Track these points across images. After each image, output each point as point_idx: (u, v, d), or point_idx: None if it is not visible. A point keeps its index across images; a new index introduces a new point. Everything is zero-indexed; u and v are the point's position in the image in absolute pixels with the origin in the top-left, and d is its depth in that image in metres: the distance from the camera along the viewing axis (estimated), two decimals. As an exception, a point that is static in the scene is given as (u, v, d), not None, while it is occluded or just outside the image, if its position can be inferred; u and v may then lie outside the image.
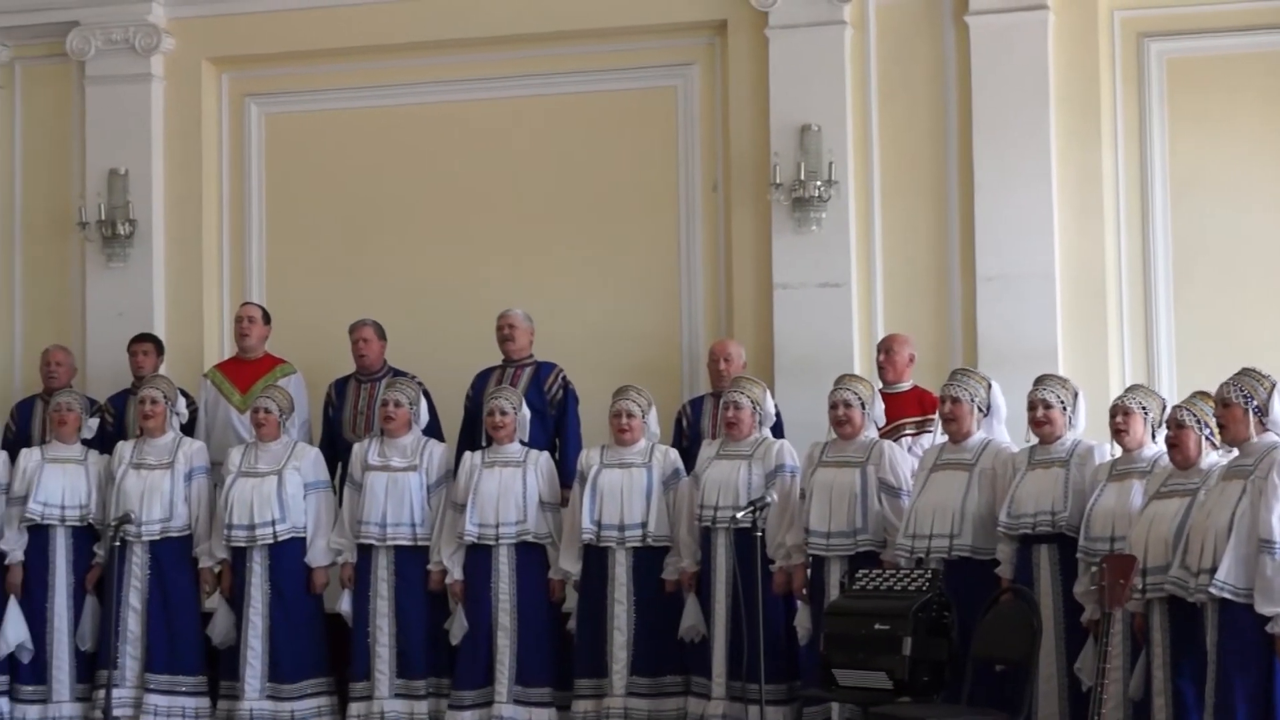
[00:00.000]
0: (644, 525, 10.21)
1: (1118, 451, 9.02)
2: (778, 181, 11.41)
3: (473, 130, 12.46)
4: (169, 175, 12.69)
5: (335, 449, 11.41)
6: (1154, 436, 8.92)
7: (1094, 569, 8.42)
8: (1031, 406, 9.30)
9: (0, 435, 12.06)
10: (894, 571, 9.24)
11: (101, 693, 10.64)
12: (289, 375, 11.66)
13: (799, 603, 9.96)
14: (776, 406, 10.57)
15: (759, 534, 9.60)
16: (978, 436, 9.53)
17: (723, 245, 11.95)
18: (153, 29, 12.59)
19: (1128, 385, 9.83)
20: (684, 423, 11.09)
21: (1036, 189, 11.23)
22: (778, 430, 10.57)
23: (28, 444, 11.51)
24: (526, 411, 10.60)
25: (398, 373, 11.44)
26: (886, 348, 10.82)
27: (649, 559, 10.28)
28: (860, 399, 9.89)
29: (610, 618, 10.22)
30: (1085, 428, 9.36)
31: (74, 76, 12.85)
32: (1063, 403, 9.23)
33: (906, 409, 10.56)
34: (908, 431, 10.54)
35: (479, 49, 12.34)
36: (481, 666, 10.38)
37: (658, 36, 12.08)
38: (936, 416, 10.07)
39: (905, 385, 10.72)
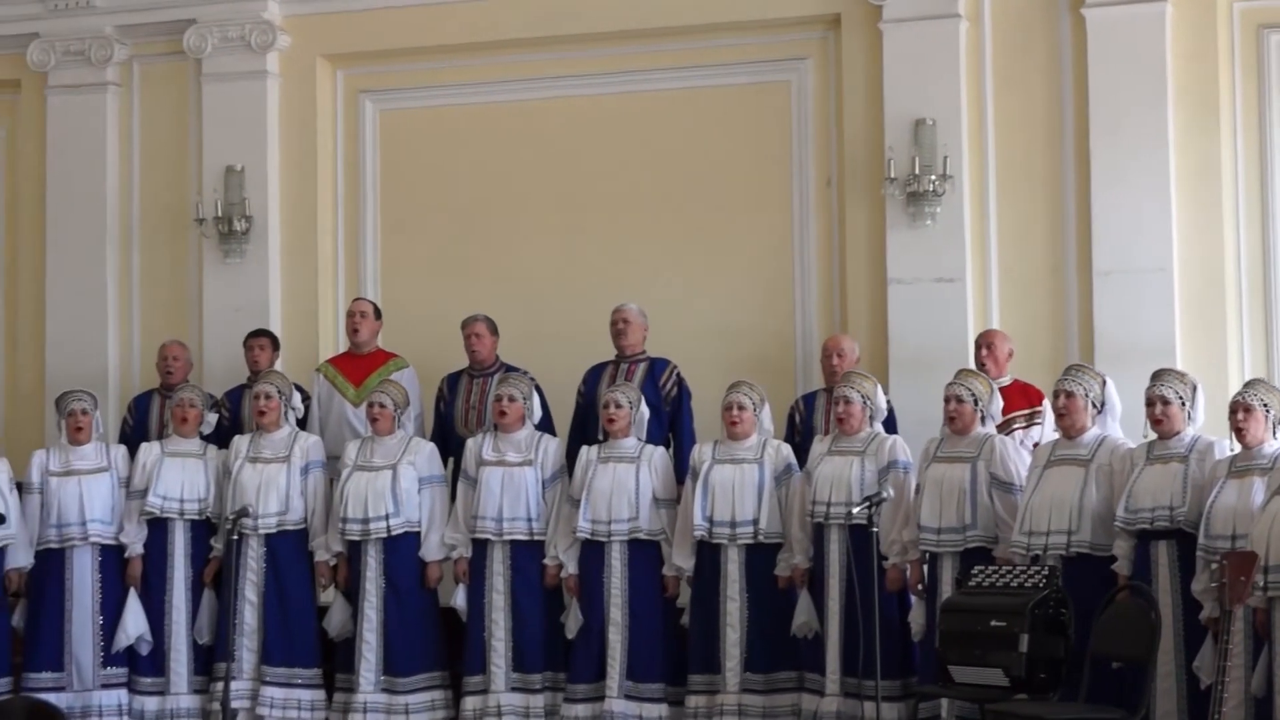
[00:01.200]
0: (755, 522, 10.18)
1: (1237, 448, 8.91)
2: (892, 176, 11.35)
3: (586, 126, 12.48)
4: (284, 172, 12.78)
5: (447, 444, 11.44)
6: (1275, 433, 8.81)
7: (1214, 566, 8.32)
8: (1149, 402, 9.19)
9: (118, 429, 12.19)
10: (1010, 568, 9.18)
11: (218, 685, 10.71)
12: (401, 370, 11.71)
13: (913, 599, 9.91)
14: (890, 402, 10.52)
15: (874, 530, 9.55)
16: (1092, 432, 9.42)
17: (836, 240, 11.91)
18: (268, 26, 12.68)
19: (1247, 380, 9.70)
20: (797, 418, 11.05)
21: (1154, 182, 11.13)
22: (891, 426, 10.51)
23: (144, 438, 11.63)
24: (646, 410, 10.59)
25: (510, 368, 11.47)
26: (987, 343, 10.76)
27: (761, 555, 10.25)
28: (974, 394, 9.82)
29: (723, 614, 10.20)
30: (1205, 424, 9.25)
31: (191, 74, 12.96)
32: (1181, 398, 9.12)
33: (1013, 403, 10.48)
34: (1017, 425, 10.47)
35: (593, 44, 12.36)
36: (595, 661, 10.39)
37: (771, 31, 12.05)
38: (1044, 409, 9.99)
39: (1006, 380, 10.63)
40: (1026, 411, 10.51)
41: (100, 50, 12.97)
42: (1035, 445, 10.14)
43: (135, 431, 11.90)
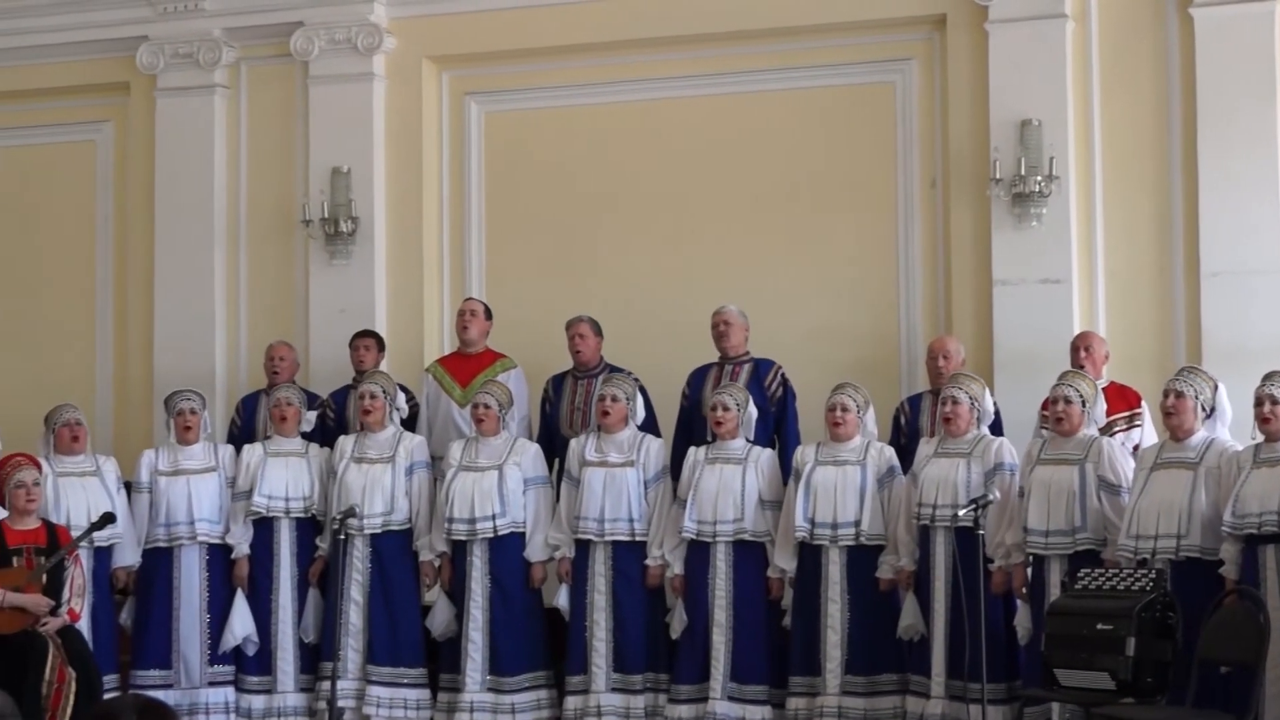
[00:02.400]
0: (857, 524, 10.16)
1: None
2: (998, 177, 11.29)
3: (690, 127, 12.47)
4: (390, 173, 12.84)
5: (552, 444, 11.46)
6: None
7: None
8: (1258, 401, 9.11)
9: (227, 430, 12.29)
10: (1116, 571, 9.11)
11: (324, 684, 10.79)
12: (509, 370, 11.73)
13: (1019, 602, 9.86)
14: (995, 404, 10.45)
15: (981, 532, 9.49)
16: (1200, 435, 9.33)
17: (941, 241, 11.86)
18: (375, 29, 12.75)
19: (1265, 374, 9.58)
20: (902, 420, 11.01)
21: (1263, 183, 11.04)
22: (997, 428, 10.45)
23: (252, 438, 11.72)
24: (754, 410, 10.58)
25: (614, 369, 11.47)
26: (1085, 345, 10.69)
27: (863, 557, 10.23)
28: (1080, 396, 9.75)
29: (824, 616, 10.18)
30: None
31: (298, 76, 13.03)
32: (1292, 399, 9.04)
33: (1111, 406, 10.40)
34: (1119, 428, 10.40)
35: (697, 45, 12.35)
36: (699, 662, 10.39)
37: (876, 32, 12.02)
38: (1144, 411, 9.91)
39: (1103, 382, 10.55)
40: (1127, 414, 10.44)
41: (208, 53, 13.07)
42: (1135, 448, 10.06)
43: (243, 431, 11.99)
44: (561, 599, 10.73)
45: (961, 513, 9.54)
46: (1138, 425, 10.34)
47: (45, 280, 13.76)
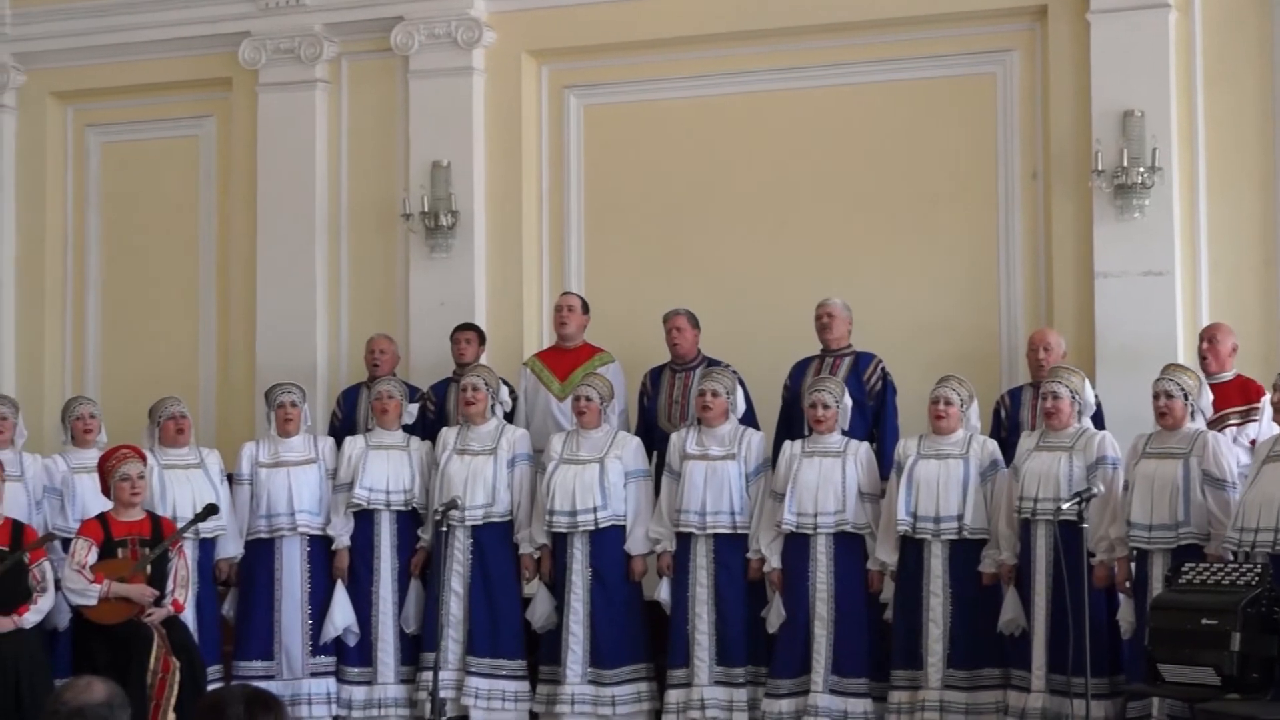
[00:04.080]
0: (960, 517, 10.11)
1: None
2: (1099, 169, 11.21)
3: (789, 119, 12.44)
4: (490, 167, 12.88)
5: (650, 437, 11.46)
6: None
7: None
8: (1365, 395, 9.03)
9: (328, 422, 12.36)
10: (1221, 565, 9.03)
11: (424, 675, 10.85)
12: (607, 364, 11.74)
13: (1121, 596, 9.79)
14: (1097, 397, 10.38)
15: (1084, 525, 9.42)
16: (1311, 428, 9.27)
17: (1042, 234, 11.79)
18: (474, 23, 12.78)
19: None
20: (1003, 413, 10.96)
21: (1372, 173, 10.93)
22: (1099, 421, 10.39)
23: (353, 431, 11.78)
24: (849, 401, 10.55)
25: (712, 362, 11.47)
26: (1209, 336, 10.58)
27: (965, 551, 10.18)
28: (1183, 389, 9.67)
29: (925, 609, 10.14)
30: None
31: (398, 71, 13.08)
32: (1399, 392, 8.95)
33: (1230, 399, 10.31)
34: (1232, 422, 10.29)
35: (796, 37, 12.32)
36: (798, 655, 10.37)
37: (976, 23, 11.96)
38: (1262, 405, 9.82)
39: (1228, 375, 10.46)
40: (1242, 408, 10.30)
41: (310, 48, 13.15)
42: (1252, 442, 9.96)
43: (344, 424, 12.07)
44: (663, 592, 10.74)
45: (1065, 506, 9.48)
46: (1254, 420, 10.20)
47: (149, 275, 13.90)
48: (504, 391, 11.32)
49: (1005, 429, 10.83)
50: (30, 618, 10.03)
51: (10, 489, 10.48)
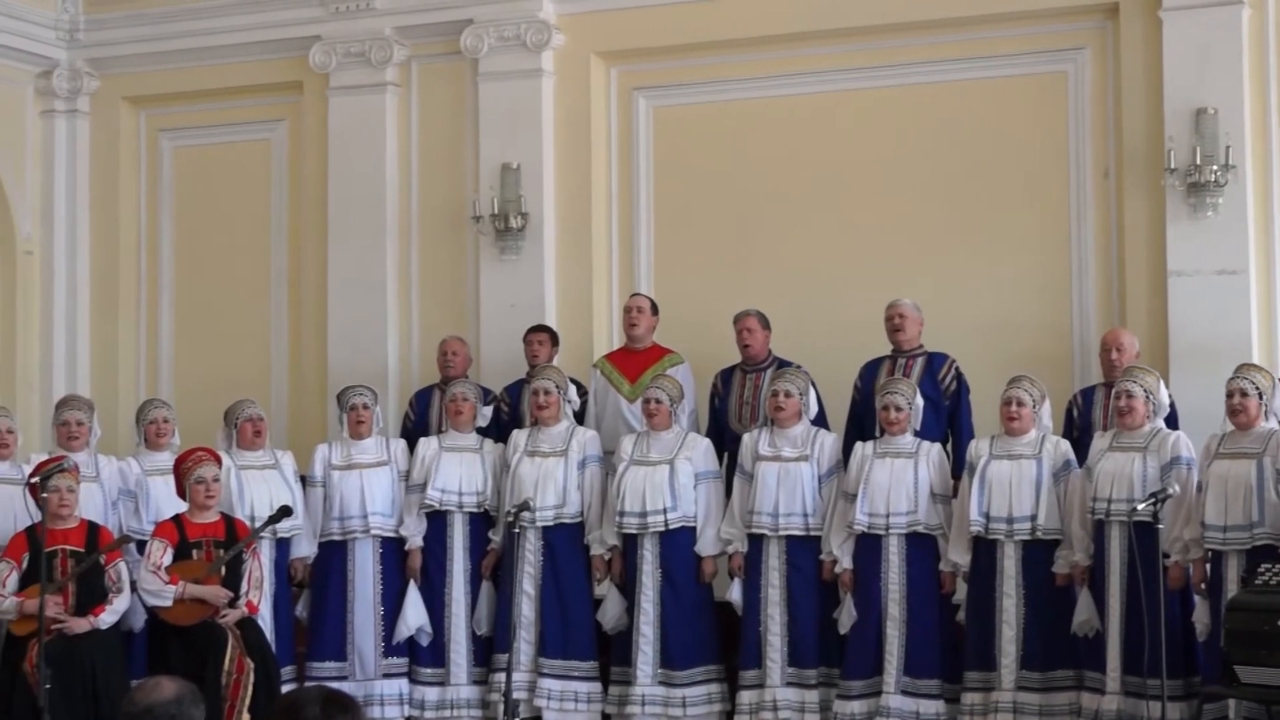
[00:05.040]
0: (1033, 518, 10.07)
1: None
2: (1172, 167, 11.14)
3: (858, 119, 12.42)
4: (559, 169, 12.90)
5: (721, 438, 11.45)
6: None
7: None
8: None
9: (400, 424, 12.40)
10: (1297, 566, 8.97)
11: (496, 676, 10.87)
12: (677, 365, 11.74)
13: (1197, 598, 9.72)
14: (1171, 397, 10.32)
15: (1160, 526, 9.36)
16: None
17: (1115, 232, 11.72)
18: (543, 25, 12.81)
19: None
20: (1075, 413, 10.90)
21: None
22: (1172, 421, 10.32)
23: (425, 432, 11.82)
24: (920, 402, 10.52)
25: (783, 362, 11.45)
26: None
27: (1038, 552, 10.13)
28: (1257, 388, 9.61)
29: (999, 611, 10.11)
30: None
31: (467, 73, 13.12)
32: None
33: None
34: (1307, 421, 10.22)
35: (864, 37, 12.30)
36: (870, 657, 10.35)
37: (1047, 21, 11.90)
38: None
39: (1306, 374, 10.39)
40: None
41: (380, 52, 13.21)
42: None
43: (416, 425, 12.11)
44: (734, 593, 10.72)
45: (1140, 507, 9.42)
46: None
47: (221, 278, 13.99)
48: (573, 391, 11.34)
49: (1077, 429, 10.77)
50: (106, 618, 10.11)
51: (86, 491, 10.58)
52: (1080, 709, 9.97)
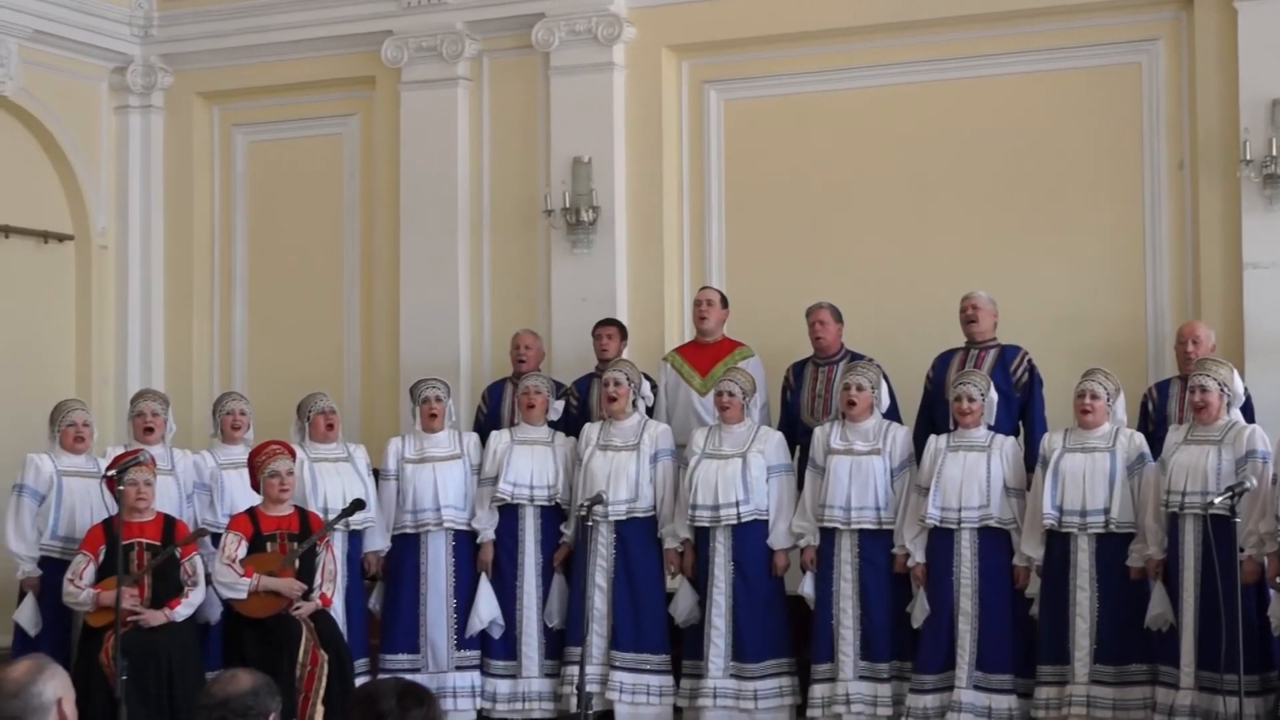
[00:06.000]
0: (1107, 511, 10.02)
1: None
2: (1248, 158, 11.07)
3: (929, 112, 12.38)
4: (630, 162, 12.92)
5: (793, 432, 11.44)
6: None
7: None
8: None
9: (472, 418, 12.43)
10: (1374, 559, 8.90)
11: (568, 669, 10.88)
12: (748, 358, 11.73)
13: (1272, 592, 9.65)
14: (1246, 389, 10.23)
15: (1236, 520, 9.30)
16: None
17: (1189, 224, 11.65)
18: (614, 19, 12.82)
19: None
20: (1150, 406, 10.84)
21: None
22: (1248, 414, 10.24)
23: (497, 426, 11.84)
24: (995, 395, 10.48)
25: (855, 355, 11.43)
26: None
27: (1112, 545, 10.08)
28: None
29: (1072, 604, 10.06)
30: None
31: (539, 68, 13.15)
32: None
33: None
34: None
35: (934, 30, 12.26)
36: (943, 651, 10.31)
37: (1120, 12, 11.84)
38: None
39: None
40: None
41: (452, 46, 13.24)
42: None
43: (488, 419, 12.13)
44: (806, 587, 10.71)
45: (1217, 500, 9.35)
46: None
47: (294, 272, 14.07)
48: (646, 386, 11.33)
49: (1152, 422, 10.71)
50: (182, 611, 10.19)
51: (161, 484, 10.65)
52: (1155, 703, 9.91)
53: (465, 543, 11.30)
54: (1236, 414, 9.97)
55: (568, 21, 12.90)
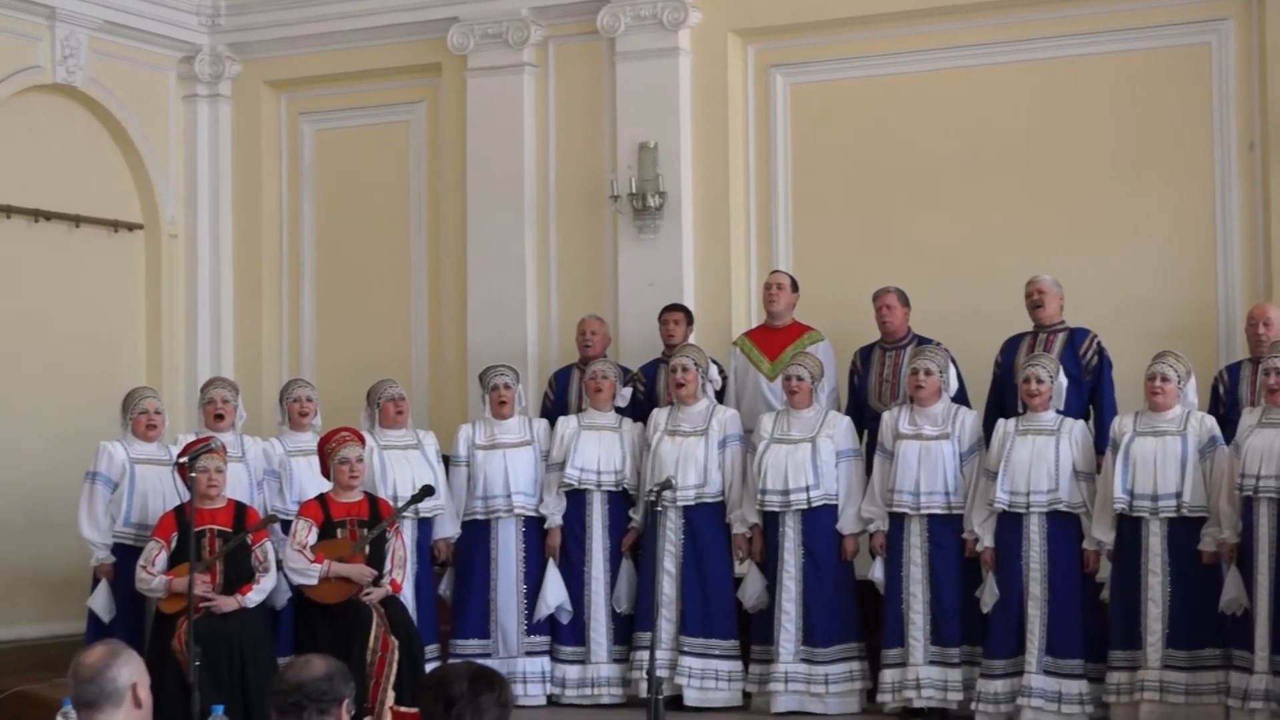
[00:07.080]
0: (1178, 495, 9.96)
1: None
2: (1319, 139, 11.00)
3: (997, 94, 12.30)
4: (697, 147, 12.89)
5: (861, 416, 11.42)
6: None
7: None
8: None
9: (540, 403, 12.45)
10: None
11: (636, 654, 10.91)
12: (817, 342, 11.71)
13: (1346, 576, 9.60)
14: (1319, 371, 10.17)
15: (1311, 503, 9.26)
16: None
17: (1260, 205, 11.55)
18: (680, 4, 12.78)
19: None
20: (1221, 390, 10.77)
21: None
22: (1322, 397, 10.17)
23: (565, 411, 11.86)
24: (1064, 380, 10.43)
25: (922, 340, 11.39)
26: None
27: (1184, 529, 10.03)
28: None
29: (1144, 589, 10.01)
30: None
31: (604, 53, 13.13)
32: None
33: None
34: None
35: (1004, 10, 12.18)
36: (1013, 635, 10.28)
37: (1190, -8, 11.77)
38: None
39: None
40: None
41: (517, 32, 13.24)
42: None
43: (555, 405, 12.14)
44: (876, 572, 10.69)
45: (1294, 483, 9.31)
46: None
47: (362, 259, 14.10)
48: (714, 371, 11.32)
49: (1224, 405, 10.64)
50: (253, 597, 10.25)
51: (232, 471, 10.70)
52: (1228, 688, 9.85)
53: (535, 529, 11.34)
54: (1311, 396, 9.91)
55: (633, 7, 12.88)
